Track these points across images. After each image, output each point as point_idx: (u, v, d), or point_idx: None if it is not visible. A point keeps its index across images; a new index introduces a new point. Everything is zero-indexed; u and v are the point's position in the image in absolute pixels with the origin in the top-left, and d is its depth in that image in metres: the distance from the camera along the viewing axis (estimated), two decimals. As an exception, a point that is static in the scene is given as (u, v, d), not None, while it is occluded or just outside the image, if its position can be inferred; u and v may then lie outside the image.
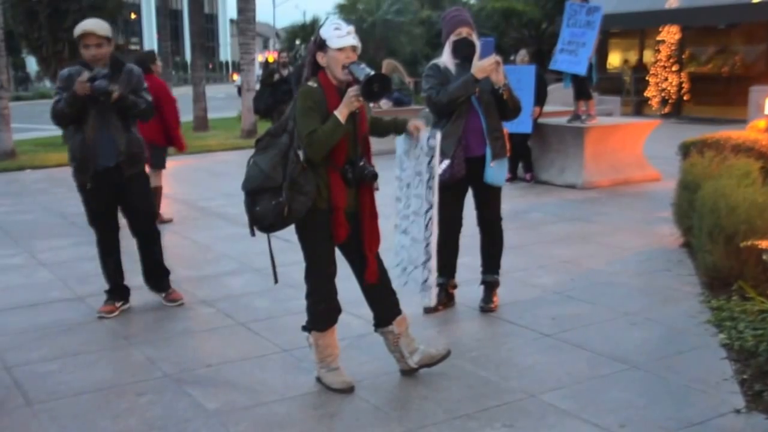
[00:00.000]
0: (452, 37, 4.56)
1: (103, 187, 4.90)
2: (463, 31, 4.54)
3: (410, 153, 4.03)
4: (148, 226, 5.24)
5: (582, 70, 9.16)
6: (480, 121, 4.57)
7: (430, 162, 3.92)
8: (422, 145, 3.95)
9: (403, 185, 4.10)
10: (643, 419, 3.39)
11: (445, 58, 4.62)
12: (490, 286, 4.95)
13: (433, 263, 3.96)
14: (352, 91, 3.46)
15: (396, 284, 3.97)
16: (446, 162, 4.55)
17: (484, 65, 4.37)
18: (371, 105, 4.00)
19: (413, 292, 4.05)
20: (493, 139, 4.59)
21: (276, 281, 3.85)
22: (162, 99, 7.32)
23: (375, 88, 3.41)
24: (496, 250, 4.93)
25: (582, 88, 9.60)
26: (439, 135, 3.98)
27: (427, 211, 3.95)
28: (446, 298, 4.95)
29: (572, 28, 9.36)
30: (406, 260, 4.08)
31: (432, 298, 4.10)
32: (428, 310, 4.86)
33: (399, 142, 4.08)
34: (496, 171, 4.64)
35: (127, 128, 4.88)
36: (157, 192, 7.74)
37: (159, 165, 7.80)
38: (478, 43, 4.52)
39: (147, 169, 7.99)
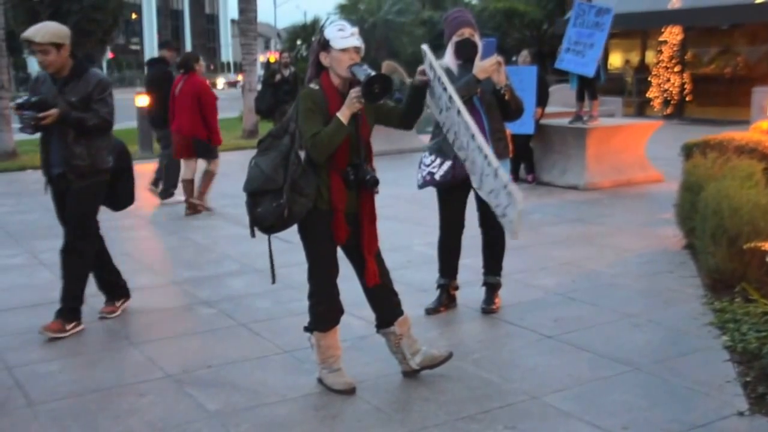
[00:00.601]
0: (454, 38, 4.56)
1: (56, 194, 4.78)
2: (466, 32, 4.54)
3: (440, 104, 3.98)
4: (71, 242, 4.78)
5: (590, 71, 9.14)
6: (482, 121, 4.56)
7: (439, 80, 3.89)
8: (430, 76, 3.92)
9: (455, 136, 3.97)
10: (645, 421, 3.38)
11: (448, 59, 4.61)
12: (491, 287, 4.94)
13: (494, 161, 3.80)
14: (354, 92, 3.45)
15: (510, 233, 3.87)
16: (448, 163, 4.54)
17: (485, 66, 4.37)
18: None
19: (516, 221, 3.78)
20: (495, 139, 4.57)
21: (273, 281, 3.84)
22: (203, 96, 8.11)
23: (376, 89, 3.40)
24: (498, 251, 4.91)
25: (590, 88, 9.57)
26: (426, 46, 3.97)
27: (463, 125, 3.87)
28: (448, 299, 4.94)
29: (579, 28, 9.31)
30: (497, 206, 3.85)
31: (517, 196, 3.74)
32: (430, 312, 4.85)
33: (432, 108, 4.02)
34: None
35: (78, 140, 4.55)
36: (210, 178, 8.51)
37: (203, 155, 8.42)
38: (480, 44, 4.51)
39: (183, 163, 8.54)
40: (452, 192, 4.63)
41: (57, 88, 4.58)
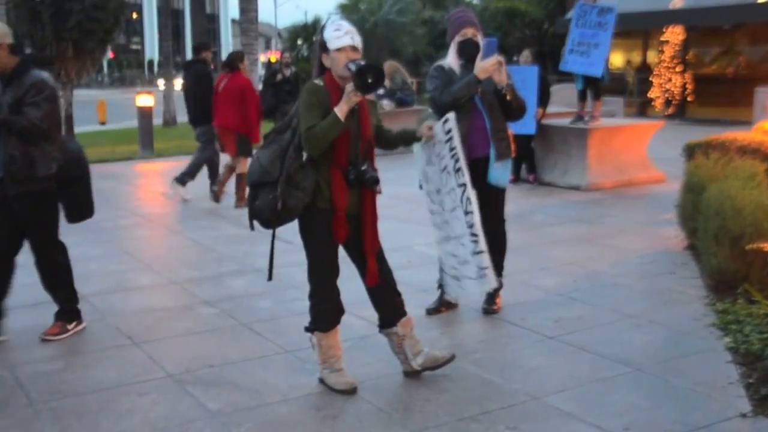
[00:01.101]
0: (457, 38, 4.56)
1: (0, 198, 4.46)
2: (468, 32, 4.53)
3: (432, 159, 4.02)
4: (37, 254, 4.67)
5: (597, 71, 9.12)
6: (484, 121, 4.56)
7: (451, 146, 3.91)
8: (440, 138, 3.95)
9: (432, 192, 4.06)
10: (647, 423, 3.38)
11: (450, 59, 4.61)
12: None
13: (482, 242, 3.88)
14: (349, 86, 3.46)
15: (456, 295, 3.95)
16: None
17: (485, 65, 4.36)
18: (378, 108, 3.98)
19: (473, 291, 3.95)
20: (497, 139, 4.57)
21: (270, 278, 3.83)
22: (246, 94, 8.49)
23: (368, 79, 3.40)
24: (500, 252, 4.90)
25: (595, 88, 9.55)
26: (452, 114, 3.97)
27: (462, 195, 3.91)
28: (448, 300, 4.93)
29: (582, 29, 9.29)
30: (457, 267, 3.97)
31: (492, 280, 3.93)
32: (430, 312, 4.84)
33: (418, 155, 4.05)
34: (500, 172, 4.62)
35: (16, 144, 4.29)
36: (241, 179, 8.55)
37: (243, 152, 8.54)
38: (482, 44, 4.51)
39: (229, 157, 8.77)
40: None
41: (1, 88, 4.37)
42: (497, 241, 4.87)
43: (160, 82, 49.37)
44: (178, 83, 21.15)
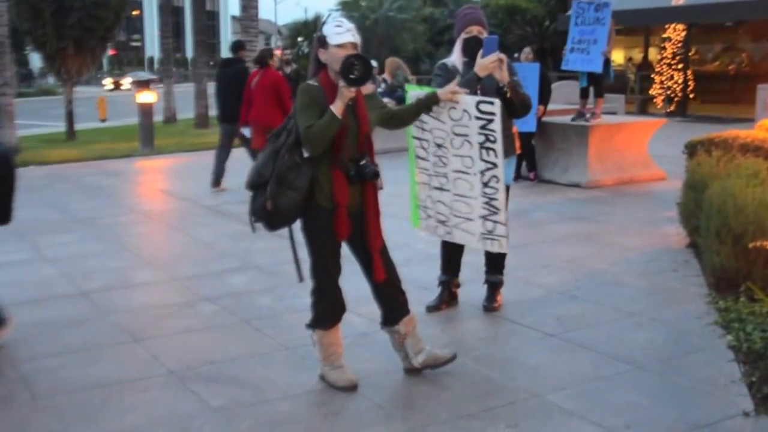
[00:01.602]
0: (462, 35, 4.56)
1: None
2: (474, 30, 4.53)
3: (442, 114, 4.03)
4: None
5: (597, 67, 9.11)
6: None
7: (486, 125, 3.95)
8: (467, 109, 3.96)
9: (429, 145, 4.05)
10: (649, 421, 3.37)
11: (455, 56, 4.61)
12: (493, 285, 4.93)
13: (503, 216, 3.98)
14: (341, 82, 3.45)
15: (422, 227, 3.96)
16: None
17: (485, 63, 4.34)
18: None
19: (466, 242, 3.99)
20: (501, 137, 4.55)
21: (300, 280, 3.78)
22: (279, 87, 8.77)
23: (355, 70, 3.38)
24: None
25: (598, 85, 9.54)
26: (498, 102, 3.99)
27: (485, 171, 3.99)
28: (449, 296, 4.93)
29: (581, 27, 9.30)
30: (445, 213, 4.02)
31: (504, 245, 4.07)
32: (431, 309, 4.84)
33: (413, 95, 4.05)
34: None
35: None
36: None
37: None
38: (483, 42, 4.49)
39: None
40: None
41: None
42: None
43: (107, 81, 47.16)
44: (179, 80, 21.09)
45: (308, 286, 3.78)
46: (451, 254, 4.88)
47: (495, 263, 4.90)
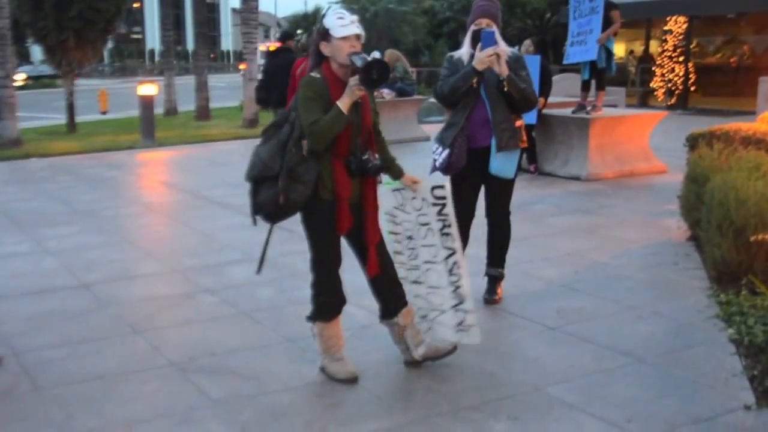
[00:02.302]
0: (472, 28, 4.59)
1: None
2: (483, 22, 4.55)
3: (406, 206, 3.97)
4: None
5: (592, 55, 9.08)
6: (486, 112, 4.54)
7: (441, 210, 3.88)
8: (425, 197, 3.90)
9: (402, 238, 3.99)
10: (650, 414, 3.37)
11: (464, 49, 4.62)
12: (493, 279, 4.93)
13: (469, 304, 3.89)
14: (353, 80, 3.44)
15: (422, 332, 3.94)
16: (446, 152, 4.56)
17: (482, 57, 4.38)
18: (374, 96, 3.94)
19: (445, 336, 3.95)
20: (498, 130, 4.54)
21: (259, 271, 3.77)
22: None
23: (374, 75, 3.38)
24: (502, 243, 4.89)
25: (600, 77, 9.51)
26: (448, 186, 3.93)
27: (447, 258, 3.90)
28: None
29: (579, 20, 9.31)
30: (425, 308, 3.99)
31: (476, 336, 3.92)
32: None
33: (387, 198, 3.97)
34: (501, 162, 4.59)
35: None
36: None
37: None
38: (497, 35, 4.49)
39: None
40: (462, 181, 4.64)
41: None
42: (500, 233, 4.87)
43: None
44: (180, 72, 21.00)
45: (308, 277, 3.78)
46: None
47: (496, 257, 4.90)
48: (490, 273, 4.93)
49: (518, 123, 4.66)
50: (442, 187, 3.90)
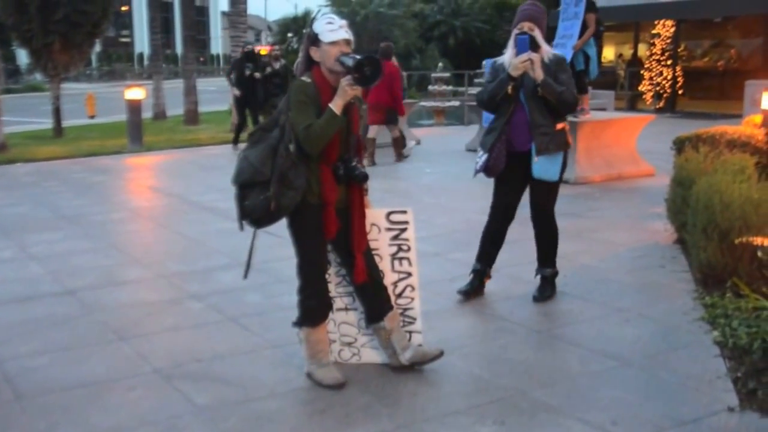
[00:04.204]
0: (514, 31, 4.66)
1: None
2: (525, 26, 4.63)
3: None
4: None
5: (568, 59, 9.12)
6: (525, 116, 4.64)
7: (398, 236, 3.88)
8: (376, 223, 3.87)
9: (331, 266, 3.92)
10: (635, 417, 3.38)
11: (507, 53, 4.71)
12: (545, 278, 5.03)
13: (419, 324, 3.94)
14: (345, 80, 3.42)
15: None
16: (485, 156, 4.70)
17: (516, 63, 4.52)
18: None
19: (374, 359, 3.95)
20: (537, 134, 4.62)
21: (246, 276, 3.77)
22: (395, 77, 11.02)
23: (367, 71, 3.37)
24: (550, 243, 5.01)
25: (578, 82, 9.53)
26: (410, 210, 3.92)
27: (397, 282, 3.92)
28: (480, 286, 5.04)
29: (565, 22, 9.37)
30: (345, 335, 3.98)
31: (416, 354, 3.89)
32: (461, 293, 4.97)
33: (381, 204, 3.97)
34: (542, 166, 4.69)
35: None
36: (397, 140, 11.55)
37: (392, 121, 11.17)
38: (539, 38, 4.59)
39: (371, 128, 10.90)
40: (503, 184, 4.84)
41: None
42: (543, 233, 5.03)
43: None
44: (169, 76, 20.93)
45: (295, 283, 3.77)
46: (490, 246, 5.02)
47: (545, 256, 5.02)
48: (542, 273, 5.04)
49: (559, 126, 4.71)
50: (403, 212, 3.90)
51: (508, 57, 4.68)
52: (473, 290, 5.00)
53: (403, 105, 11.50)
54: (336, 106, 3.43)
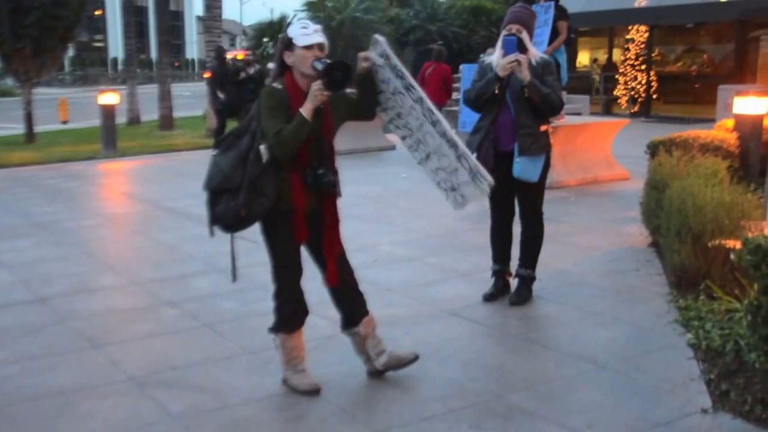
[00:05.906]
0: (503, 33, 4.71)
1: None
2: (513, 28, 4.67)
3: (381, 86, 3.79)
4: None
5: None
6: (510, 116, 4.68)
7: (391, 66, 3.71)
8: (379, 63, 3.71)
9: (395, 119, 3.82)
10: (610, 419, 3.39)
11: (495, 54, 4.75)
12: (523, 279, 5.01)
13: (462, 146, 3.72)
14: (315, 85, 3.41)
15: (454, 206, 3.81)
16: (473, 155, 4.61)
17: (503, 63, 4.57)
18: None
19: (474, 193, 3.75)
20: (521, 135, 4.65)
21: (234, 279, 3.78)
22: (446, 78, 12.20)
23: (337, 76, 3.36)
24: (532, 245, 5.00)
25: None
26: (381, 37, 3.78)
27: (422, 110, 3.72)
28: (503, 285, 5.06)
29: (536, 30, 9.41)
30: (444, 181, 3.81)
31: (486, 175, 3.73)
32: (487, 297, 4.97)
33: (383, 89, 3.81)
34: (523, 166, 4.70)
35: None
36: None
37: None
38: (525, 41, 4.64)
39: None
40: (497, 182, 4.74)
41: None
42: (528, 234, 4.99)
43: None
44: (143, 81, 20.75)
45: (271, 289, 3.74)
46: (500, 245, 5.04)
47: (526, 257, 5.00)
48: (519, 273, 5.03)
49: (543, 128, 4.75)
50: (376, 43, 3.74)
51: (495, 57, 4.72)
52: (498, 291, 5.02)
53: (445, 99, 12.40)
54: (306, 111, 3.42)
